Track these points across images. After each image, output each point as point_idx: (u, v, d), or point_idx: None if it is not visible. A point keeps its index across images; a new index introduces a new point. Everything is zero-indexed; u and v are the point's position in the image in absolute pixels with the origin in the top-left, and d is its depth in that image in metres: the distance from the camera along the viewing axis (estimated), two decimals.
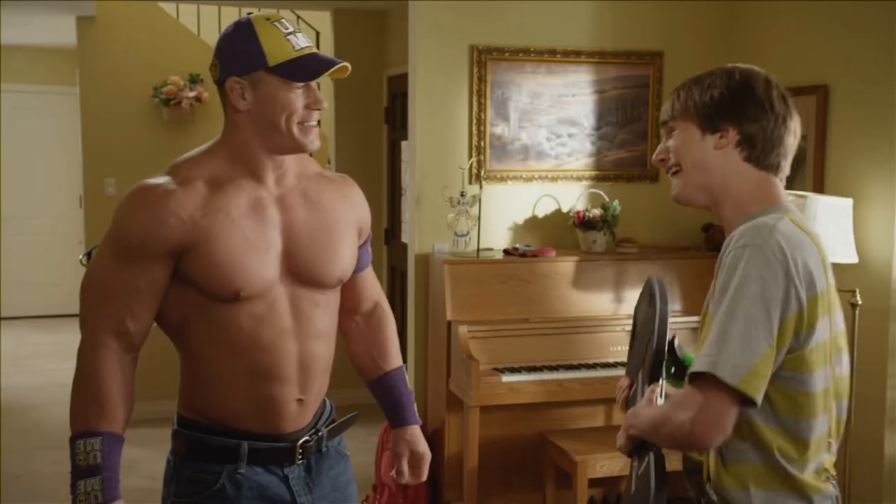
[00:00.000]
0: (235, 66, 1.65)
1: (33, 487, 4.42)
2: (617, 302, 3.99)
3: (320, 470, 1.81)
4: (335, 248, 1.76)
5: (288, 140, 1.67)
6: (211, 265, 1.63)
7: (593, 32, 4.21)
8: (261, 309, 1.67)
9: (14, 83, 8.34)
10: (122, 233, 1.64)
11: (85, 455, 1.61)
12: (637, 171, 4.33)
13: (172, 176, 1.68)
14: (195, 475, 1.73)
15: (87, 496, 1.61)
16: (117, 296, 1.64)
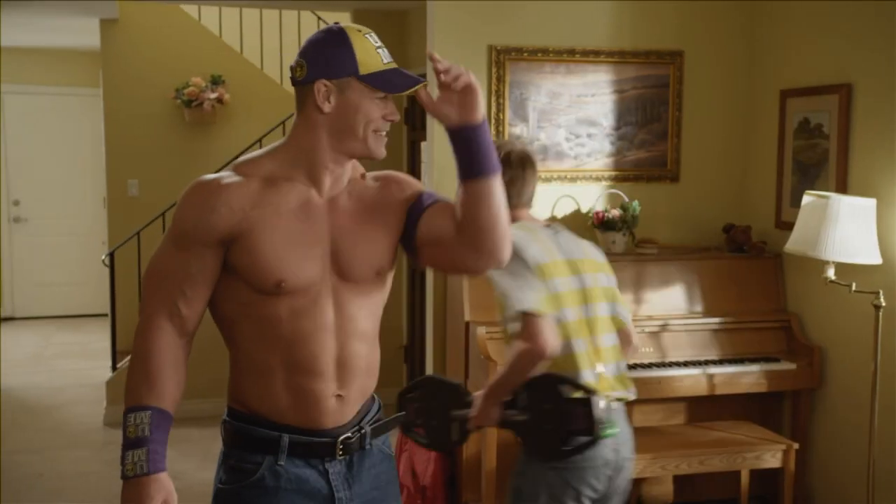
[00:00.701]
0: (326, 70, 1.71)
1: (55, 486, 4.47)
2: (636, 303, 3.96)
3: (362, 467, 1.84)
4: (374, 244, 1.82)
5: (361, 146, 1.75)
6: (255, 255, 1.70)
7: (613, 32, 4.19)
8: (303, 304, 1.74)
9: (39, 85, 8.43)
10: (178, 221, 1.74)
11: (134, 428, 1.68)
12: (657, 172, 4.30)
13: (234, 171, 1.78)
14: (238, 464, 1.78)
15: (134, 466, 1.68)
16: (172, 280, 1.73)
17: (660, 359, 3.86)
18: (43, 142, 8.52)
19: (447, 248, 1.79)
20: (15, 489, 4.42)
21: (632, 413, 3.93)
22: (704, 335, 3.96)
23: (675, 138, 4.31)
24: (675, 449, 3.62)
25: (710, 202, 4.36)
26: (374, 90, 1.71)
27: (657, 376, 3.74)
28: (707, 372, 3.80)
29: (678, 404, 4.03)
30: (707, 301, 4.05)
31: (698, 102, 4.32)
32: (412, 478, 3.92)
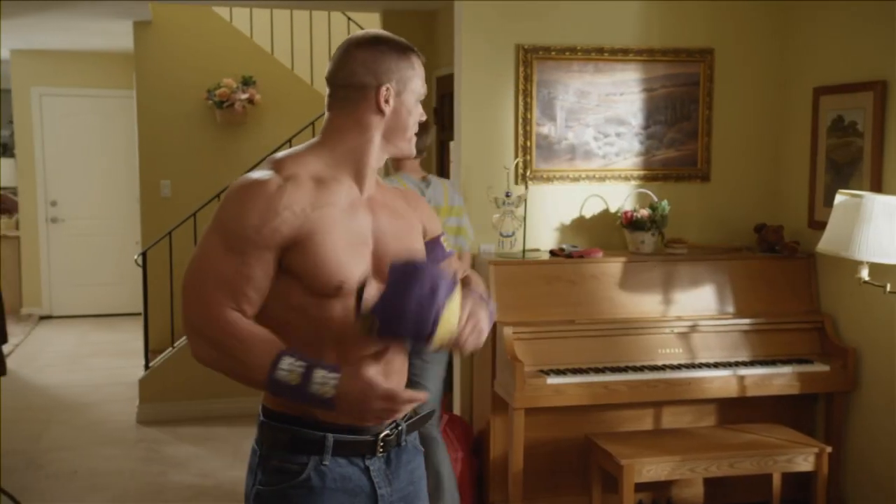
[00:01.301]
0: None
1: (89, 483, 4.52)
2: (665, 304, 3.93)
3: (399, 463, 1.87)
4: (411, 250, 1.87)
5: (406, 146, 1.86)
6: (318, 258, 1.71)
7: (641, 30, 4.15)
8: (352, 303, 1.74)
9: (74, 87, 8.55)
10: (236, 225, 1.69)
11: (290, 372, 1.65)
12: (687, 171, 4.26)
13: (276, 171, 1.75)
14: (282, 465, 1.78)
15: (324, 382, 1.65)
16: (235, 284, 1.69)
17: (689, 360, 3.82)
18: (79, 143, 8.64)
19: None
20: (50, 485, 4.49)
21: (661, 414, 3.92)
22: (735, 336, 3.91)
23: (705, 137, 4.26)
24: (705, 451, 3.57)
25: (742, 201, 4.31)
26: (420, 94, 1.84)
27: (686, 377, 3.70)
28: (738, 373, 3.75)
29: (708, 406, 3.99)
30: (738, 302, 4.00)
31: (729, 100, 4.26)
32: None
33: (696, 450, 3.58)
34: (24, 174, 8.57)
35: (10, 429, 5.44)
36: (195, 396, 5.45)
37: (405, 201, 1.95)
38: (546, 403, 3.59)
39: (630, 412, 3.89)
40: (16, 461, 4.80)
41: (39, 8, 5.84)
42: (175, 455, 4.90)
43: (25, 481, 4.51)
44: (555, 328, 3.73)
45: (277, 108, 6.52)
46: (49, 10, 5.92)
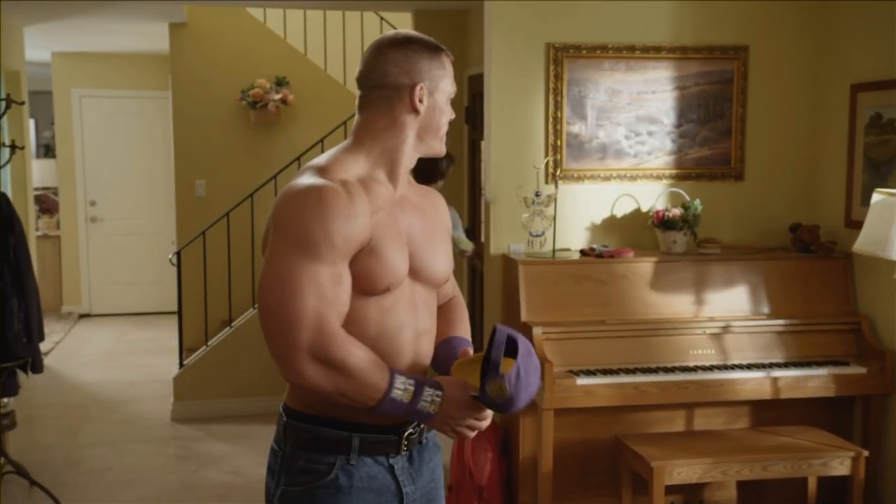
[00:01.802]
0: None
1: (124, 478, 4.58)
2: (698, 304, 3.88)
3: (421, 461, 1.88)
4: (440, 249, 1.89)
5: (438, 144, 1.86)
6: (379, 261, 1.73)
7: (674, 27, 4.10)
8: (388, 302, 1.77)
9: (113, 89, 8.68)
10: (322, 235, 1.66)
11: (405, 392, 1.71)
12: (720, 170, 4.20)
13: (330, 176, 1.73)
14: (308, 465, 1.78)
15: (431, 404, 1.72)
16: (332, 295, 1.67)
17: (722, 361, 3.77)
18: (117, 144, 8.76)
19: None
20: (86, 480, 4.56)
21: (693, 416, 3.88)
22: (769, 337, 3.86)
23: (739, 135, 4.20)
24: (737, 454, 3.53)
25: (776, 201, 4.25)
26: (450, 93, 1.85)
27: (718, 379, 3.65)
28: (771, 375, 3.70)
29: (741, 408, 3.94)
30: (772, 302, 3.94)
31: (764, 98, 4.20)
32: (469, 478, 3.91)
33: (728, 452, 3.53)
34: (64, 174, 8.71)
35: (49, 425, 5.53)
36: (228, 394, 5.50)
37: (430, 201, 1.96)
38: (576, 404, 3.56)
39: (661, 413, 3.85)
40: (53, 457, 4.88)
41: (80, 9, 5.93)
42: (208, 452, 4.95)
43: (62, 477, 4.58)
44: (585, 328, 3.71)
45: (310, 109, 6.55)
46: (88, 12, 6.01)
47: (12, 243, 4.15)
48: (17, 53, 6.66)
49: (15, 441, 5.01)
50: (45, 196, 9.29)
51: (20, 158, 6.67)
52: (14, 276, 4.14)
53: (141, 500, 4.32)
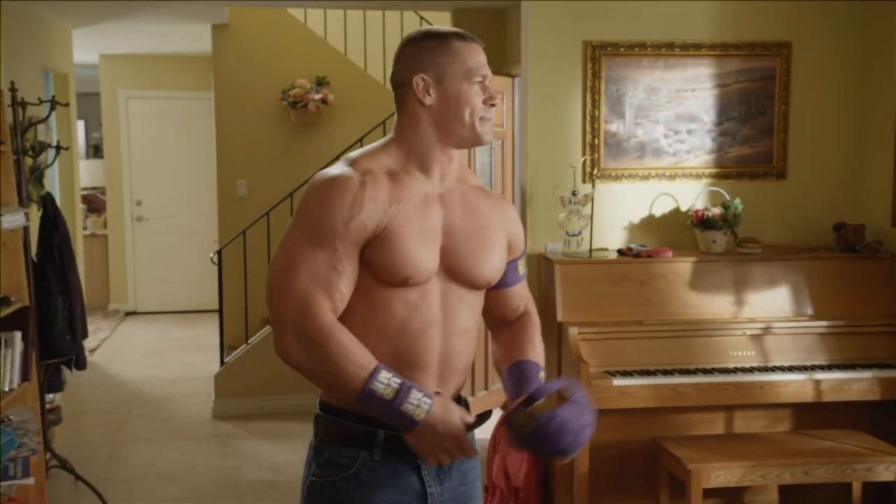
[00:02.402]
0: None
1: (164, 474, 4.65)
2: (738, 305, 3.82)
3: (451, 463, 1.85)
4: (487, 251, 1.84)
5: (469, 132, 1.79)
6: (393, 251, 1.72)
7: (714, 24, 4.04)
8: (415, 298, 1.75)
9: (158, 90, 8.81)
10: (324, 220, 1.71)
11: (386, 388, 1.69)
12: (762, 168, 4.13)
13: (353, 167, 1.77)
14: (333, 458, 1.80)
15: (418, 408, 1.70)
16: (327, 279, 1.71)
17: (762, 363, 3.70)
18: (162, 144, 8.90)
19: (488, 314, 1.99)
20: (129, 476, 4.63)
21: (733, 418, 3.82)
22: (811, 339, 3.78)
23: (781, 133, 4.12)
24: (778, 457, 3.46)
25: (820, 200, 4.16)
26: (471, 73, 1.77)
27: (759, 381, 3.59)
28: (814, 378, 3.63)
29: (782, 411, 3.87)
30: (815, 303, 3.87)
31: (807, 95, 4.12)
32: (505, 479, 3.90)
33: (768, 456, 3.47)
34: (111, 174, 8.87)
35: (94, 420, 5.64)
36: (268, 392, 5.55)
37: (492, 204, 1.90)
38: (612, 405, 3.53)
39: (700, 415, 3.80)
40: (98, 452, 4.97)
41: (126, 12, 6.03)
42: (248, 450, 5.00)
43: (106, 472, 4.66)
44: (622, 329, 3.67)
45: (350, 108, 6.59)
46: (134, 15, 6.11)
47: (56, 242, 4.23)
48: (65, 56, 6.79)
49: (61, 436, 5.12)
50: (92, 196, 9.47)
51: (67, 159, 6.81)
52: (58, 274, 4.23)
53: (182, 496, 4.38)
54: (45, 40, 6.12)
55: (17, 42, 5.25)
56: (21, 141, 4.12)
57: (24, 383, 3.55)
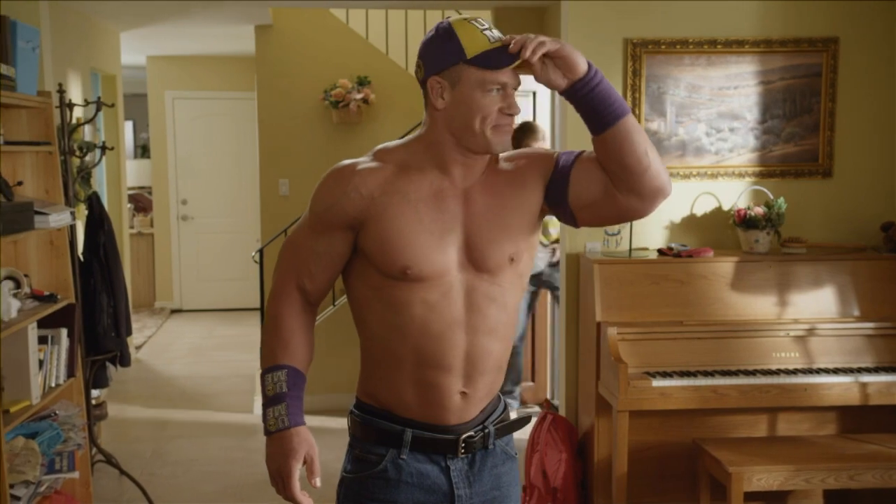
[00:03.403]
0: (436, 64, 1.72)
1: (206, 470, 4.71)
2: (781, 305, 3.76)
3: (484, 466, 1.84)
4: (506, 225, 1.78)
5: (480, 140, 1.72)
6: (381, 240, 1.73)
7: (758, 20, 3.98)
8: (434, 297, 1.74)
9: (203, 91, 8.93)
10: (314, 203, 1.80)
11: (272, 385, 1.77)
12: (807, 167, 4.05)
13: (369, 157, 1.81)
14: (362, 455, 1.83)
15: (276, 420, 1.76)
16: (301, 256, 1.81)
17: (806, 365, 3.64)
18: (207, 144, 9.01)
19: (607, 204, 1.76)
20: (172, 471, 4.70)
21: (776, 421, 3.75)
22: (857, 341, 3.70)
23: (827, 131, 4.04)
24: (822, 461, 3.40)
25: (867, 198, 4.07)
26: (486, 81, 1.68)
27: (803, 383, 3.52)
28: (860, 380, 3.55)
29: (827, 414, 3.79)
30: (862, 304, 3.79)
31: (854, 92, 4.04)
32: (543, 479, 3.88)
33: (812, 459, 3.41)
34: (157, 174, 9.01)
35: (139, 416, 5.73)
36: (309, 390, 5.52)
37: (514, 175, 1.80)
38: (651, 406, 3.49)
39: (741, 418, 3.75)
40: (142, 448, 5.05)
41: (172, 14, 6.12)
42: None
43: (150, 467, 4.73)
44: (662, 329, 3.63)
45: (391, 108, 6.60)
46: (179, 16, 6.20)
47: (102, 241, 4.31)
48: (113, 58, 6.91)
49: (106, 432, 5.21)
50: (139, 195, 9.63)
51: (115, 159, 6.93)
52: (104, 272, 4.30)
53: (222, 492, 4.43)
54: (93, 43, 6.24)
55: (66, 45, 5.36)
56: (68, 141, 4.20)
57: (69, 379, 3.61)
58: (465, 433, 1.81)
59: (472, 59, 1.68)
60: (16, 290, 3.35)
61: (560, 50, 1.66)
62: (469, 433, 1.81)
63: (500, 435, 1.87)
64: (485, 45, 1.68)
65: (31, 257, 3.64)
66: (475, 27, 1.70)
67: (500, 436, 1.86)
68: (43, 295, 3.51)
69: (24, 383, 3.24)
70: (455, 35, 1.70)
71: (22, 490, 3.10)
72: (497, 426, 1.86)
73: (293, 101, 6.55)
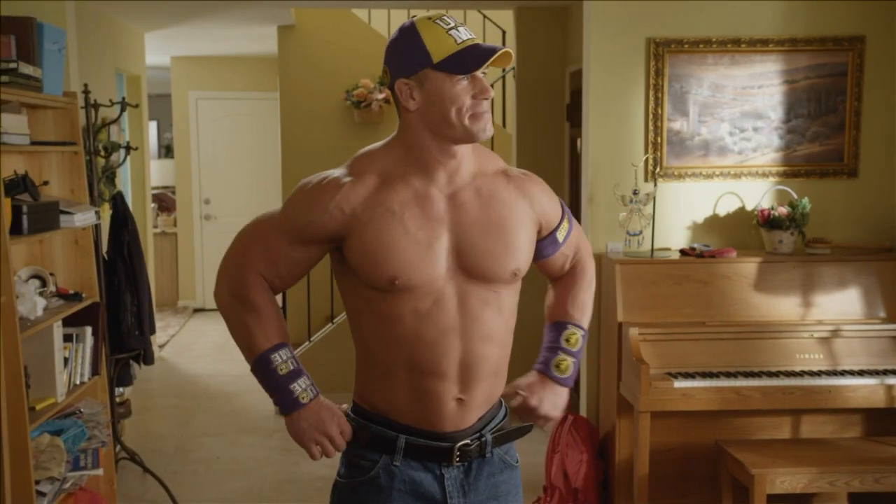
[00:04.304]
0: (402, 68, 1.68)
1: (229, 468, 4.74)
2: (805, 306, 3.72)
3: (480, 475, 1.81)
4: (507, 243, 1.75)
5: (460, 131, 1.68)
6: (364, 253, 1.70)
7: (783, 19, 3.95)
8: (425, 305, 1.70)
9: (226, 91, 8.98)
10: (292, 212, 1.77)
11: (284, 363, 1.77)
12: (832, 166, 4.02)
13: (350, 168, 1.77)
14: (356, 460, 1.81)
15: (305, 392, 1.77)
16: (271, 256, 1.79)
17: (831, 366, 3.60)
18: (230, 144, 9.07)
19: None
20: (195, 469, 4.73)
21: (799, 423, 3.72)
22: (883, 342, 3.66)
23: (853, 130, 4.00)
24: (847, 464, 3.37)
25: (893, 198, 4.03)
26: (454, 76, 1.65)
27: (827, 385, 3.49)
28: (886, 382, 3.51)
29: (853, 416, 3.76)
30: (888, 305, 3.75)
31: (881, 91, 3.99)
32: (564, 479, 3.87)
33: (836, 462, 3.38)
34: (181, 174, 9.08)
35: (163, 414, 5.78)
36: (331, 389, 5.54)
37: (514, 189, 1.80)
38: (673, 407, 3.48)
39: (764, 419, 3.72)
40: (165, 445, 5.09)
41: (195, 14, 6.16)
42: None
43: (173, 465, 4.77)
44: (684, 330, 3.61)
45: None
46: (203, 17, 6.24)
47: (126, 240, 4.35)
48: (138, 58, 6.97)
49: (130, 429, 5.26)
50: (163, 195, 9.70)
51: (139, 159, 6.98)
52: (127, 271, 4.34)
53: (245, 490, 4.45)
54: (118, 43, 6.29)
55: (91, 45, 5.41)
56: (93, 141, 4.24)
57: (94, 377, 3.65)
58: (460, 441, 1.78)
59: (439, 64, 1.65)
60: (42, 289, 3.39)
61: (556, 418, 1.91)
62: (465, 441, 1.78)
63: (499, 444, 1.83)
64: (451, 47, 1.65)
65: (57, 256, 3.68)
66: (440, 28, 1.66)
67: (497, 444, 1.83)
68: (68, 293, 3.54)
69: (49, 381, 3.27)
70: (420, 38, 1.66)
71: (47, 486, 3.14)
72: (495, 435, 1.82)
73: (315, 101, 6.58)
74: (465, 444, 1.78)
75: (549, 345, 1.92)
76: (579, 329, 1.93)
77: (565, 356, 1.90)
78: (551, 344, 1.92)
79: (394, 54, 1.71)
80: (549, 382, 1.89)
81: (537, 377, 1.90)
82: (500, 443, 1.84)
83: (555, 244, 1.90)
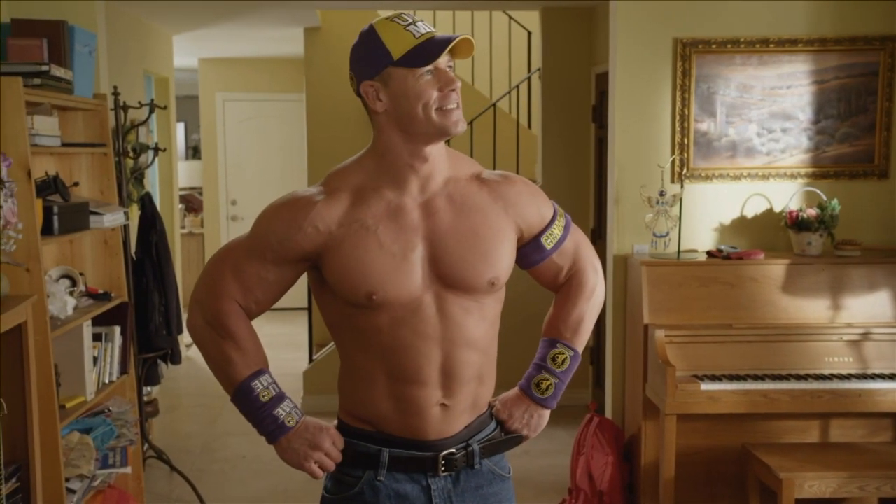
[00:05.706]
0: (366, 70, 1.68)
1: (254, 468, 4.77)
2: (834, 309, 3.69)
3: (468, 486, 1.78)
4: (482, 251, 1.72)
5: (430, 127, 1.65)
6: (341, 271, 1.68)
7: (812, 18, 3.91)
8: (403, 314, 1.69)
9: (252, 92, 9.05)
10: (264, 232, 1.74)
11: (265, 390, 1.75)
12: (862, 167, 3.97)
13: (324, 186, 1.74)
14: (341, 476, 1.79)
15: (290, 415, 1.75)
16: (245, 282, 1.76)
17: (860, 370, 3.56)
18: (257, 145, 9.13)
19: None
20: (221, 468, 4.77)
21: (828, 427, 3.68)
22: None
23: (884, 131, 3.96)
24: (877, 468, 3.33)
25: None
26: (416, 71, 1.64)
27: (856, 388, 3.45)
28: None
29: (883, 420, 3.72)
30: None
31: None
32: (589, 481, 3.86)
33: (866, 466, 3.34)
34: (208, 175, 9.15)
35: (189, 413, 5.82)
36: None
37: (490, 192, 1.76)
38: (699, 410, 3.45)
39: (792, 423, 3.68)
40: (192, 444, 5.13)
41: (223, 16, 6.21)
42: None
43: (200, 464, 4.81)
44: (710, 332, 3.58)
45: None
46: (230, 19, 6.29)
47: (154, 241, 4.39)
48: (166, 60, 7.03)
49: (158, 428, 5.30)
50: (190, 195, 9.78)
51: (167, 160, 7.04)
52: (155, 271, 4.38)
53: (270, 490, 4.48)
54: (147, 46, 6.35)
55: (120, 47, 5.47)
56: (122, 143, 4.28)
57: (122, 376, 3.68)
58: (445, 450, 1.75)
59: (399, 59, 1.64)
60: (71, 289, 3.43)
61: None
62: (450, 450, 1.75)
63: (487, 454, 1.80)
64: (409, 42, 1.64)
65: (86, 256, 3.72)
66: (398, 25, 1.67)
67: (486, 455, 1.80)
68: (97, 293, 3.58)
69: (79, 379, 3.31)
70: (379, 38, 1.66)
71: (77, 484, 3.18)
72: (482, 445, 1.80)
73: (341, 103, 6.60)
74: (450, 452, 1.75)
75: (536, 362, 1.88)
76: (568, 349, 1.85)
77: (548, 376, 1.84)
78: (538, 361, 1.87)
79: (356, 58, 1.71)
80: (527, 400, 1.85)
81: (516, 393, 1.87)
82: (489, 453, 1.81)
83: (540, 251, 1.83)
